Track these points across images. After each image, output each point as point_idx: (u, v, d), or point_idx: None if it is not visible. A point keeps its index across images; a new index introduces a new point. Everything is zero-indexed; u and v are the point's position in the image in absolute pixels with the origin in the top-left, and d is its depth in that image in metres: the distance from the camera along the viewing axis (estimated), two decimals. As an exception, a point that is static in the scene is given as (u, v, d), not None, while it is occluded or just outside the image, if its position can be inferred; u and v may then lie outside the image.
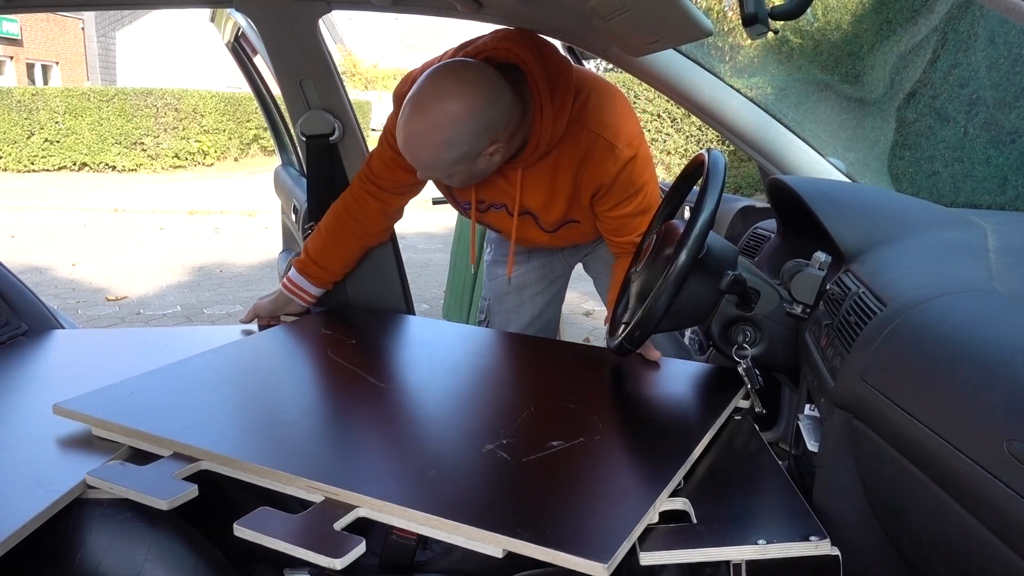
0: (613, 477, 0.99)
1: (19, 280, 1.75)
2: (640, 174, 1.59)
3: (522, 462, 1.02)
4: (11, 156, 14.39)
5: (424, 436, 1.12)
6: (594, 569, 0.79)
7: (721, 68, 6.41)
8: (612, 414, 1.22)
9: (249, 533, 0.88)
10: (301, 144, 1.94)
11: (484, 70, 1.42)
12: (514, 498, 0.93)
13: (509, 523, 0.86)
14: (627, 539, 0.84)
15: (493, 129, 1.42)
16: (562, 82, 1.51)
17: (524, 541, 0.82)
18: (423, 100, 1.38)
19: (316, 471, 0.97)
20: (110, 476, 1.01)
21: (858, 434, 0.90)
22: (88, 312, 4.86)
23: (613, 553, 0.80)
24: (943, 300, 0.87)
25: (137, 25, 22.04)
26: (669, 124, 11.74)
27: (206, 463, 1.04)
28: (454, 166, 1.45)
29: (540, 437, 1.10)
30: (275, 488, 0.99)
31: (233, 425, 1.13)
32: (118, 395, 1.20)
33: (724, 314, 1.31)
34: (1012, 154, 3.95)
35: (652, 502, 0.92)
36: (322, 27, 1.89)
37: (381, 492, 0.92)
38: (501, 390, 1.35)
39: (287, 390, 1.30)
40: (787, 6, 1.08)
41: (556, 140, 1.52)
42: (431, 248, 5.64)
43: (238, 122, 15.83)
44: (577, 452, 1.05)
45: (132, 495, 0.98)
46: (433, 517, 0.88)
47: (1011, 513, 0.63)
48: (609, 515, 0.88)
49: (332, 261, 1.77)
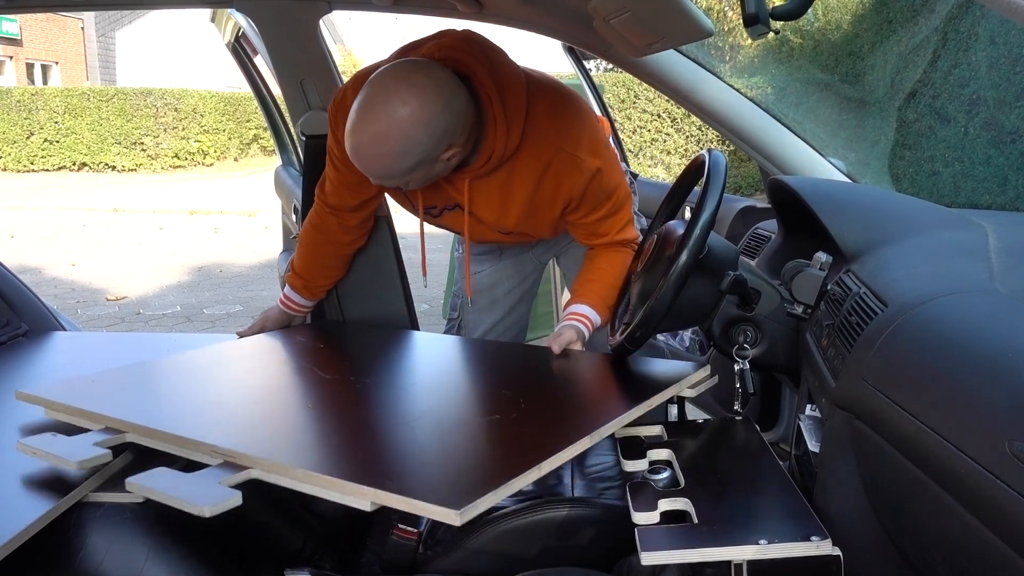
0: (509, 445, 1.01)
1: (19, 280, 1.75)
2: (609, 181, 1.52)
3: (421, 433, 1.05)
4: (11, 156, 14.39)
5: (341, 415, 1.17)
6: (447, 516, 0.82)
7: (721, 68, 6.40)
8: (541, 398, 1.22)
9: (137, 487, 0.93)
10: (301, 144, 1.94)
11: (435, 71, 1.33)
12: (399, 456, 0.98)
13: (380, 477, 0.89)
14: (490, 494, 0.85)
15: (450, 133, 1.33)
16: (515, 92, 1.42)
17: (389, 492, 0.86)
18: (371, 108, 1.29)
19: (221, 439, 1.02)
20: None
21: (859, 434, 0.90)
22: (88, 312, 4.86)
23: (471, 502, 0.83)
24: (944, 300, 0.87)
25: (137, 25, 22.03)
26: (669, 124, 11.74)
27: (131, 435, 1.10)
28: (410, 174, 1.36)
29: (457, 413, 1.13)
30: (184, 455, 1.04)
31: (165, 403, 1.20)
32: (80, 382, 1.29)
33: (725, 314, 1.30)
34: (1012, 154, 3.95)
35: (532, 467, 0.93)
36: (322, 27, 1.89)
37: (275, 456, 0.97)
38: (439, 381, 1.35)
39: (231, 382, 1.34)
40: (788, 6, 1.08)
41: (511, 153, 1.44)
42: (431, 248, 5.61)
43: (238, 122, 15.84)
44: (485, 426, 1.07)
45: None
46: (312, 473, 0.91)
47: (1012, 513, 0.63)
48: (484, 475, 0.91)
49: (313, 273, 1.75)
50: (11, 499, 0.97)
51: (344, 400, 1.22)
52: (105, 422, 1.13)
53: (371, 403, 1.20)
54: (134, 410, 1.15)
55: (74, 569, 0.98)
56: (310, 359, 1.47)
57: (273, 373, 1.40)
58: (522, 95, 1.43)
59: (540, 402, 1.18)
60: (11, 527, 0.89)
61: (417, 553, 1.25)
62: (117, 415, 1.12)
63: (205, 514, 0.86)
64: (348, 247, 1.77)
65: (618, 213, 1.59)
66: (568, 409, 1.18)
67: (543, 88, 1.50)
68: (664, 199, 1.54)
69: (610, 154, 1.55)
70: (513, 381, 1.31)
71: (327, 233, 1.71)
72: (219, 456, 0.99)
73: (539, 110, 1.45)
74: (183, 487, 0.91)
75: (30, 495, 0.98)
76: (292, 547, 1.21)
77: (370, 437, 1.05)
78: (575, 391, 1.30)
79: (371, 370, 1.37)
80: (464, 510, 0.81)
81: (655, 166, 11.78)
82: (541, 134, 1.45)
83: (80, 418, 1.16)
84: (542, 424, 1.08)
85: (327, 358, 1.49)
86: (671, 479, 1.08)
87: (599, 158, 1.49)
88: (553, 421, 1.10)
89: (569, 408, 1.18)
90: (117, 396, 1.22)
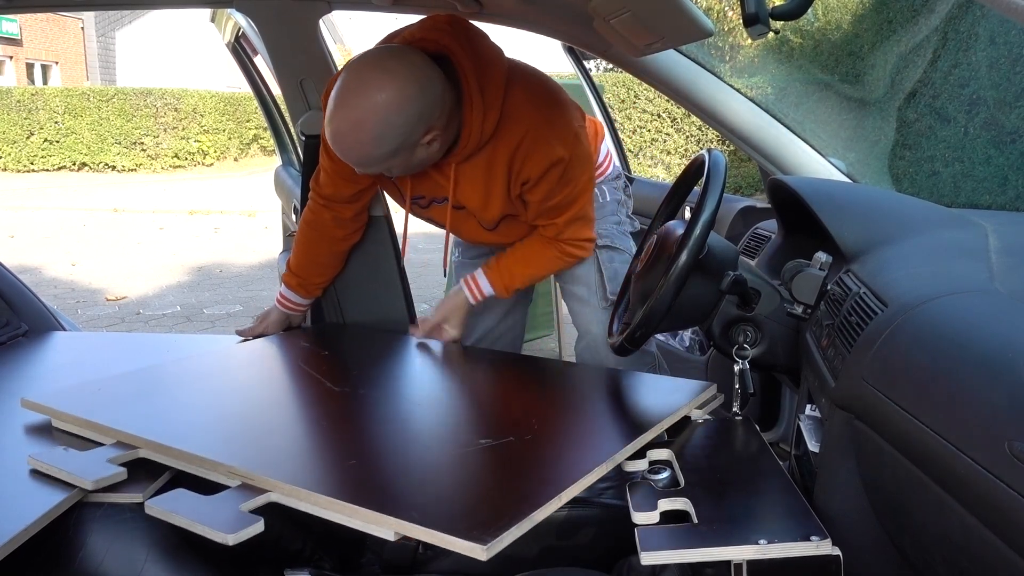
0: (527, 472, 1.01)
1: (19, 280, 1.75)
2: (570, 172, 1.52)
3: (438, 454, 1.05)
4: (11, 156, 14.39)
5: (354, 433, 1.16)
6: (473, 551, 0.81)
7: (721, 68, 6.41)
8: (552, 418, 1.22)
9: (158, 510, 0.92)
10: (301, 144, 1.94)
11: (408, 55, 1.35)
12: (420, 483, 0.97)
13: (405, 508, 0.88)
14: (514, 527, 0.85)
15: (426, 117, 1.34)
16: (493, 75, 1.43)
17: (414, 524, 0.85)
18: (347, 95, 1.31)
19: (238, 459, 1.01)
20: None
21: (859, 434, 0.90)
22: (88, 312, 4.86)
23: (496, 537, 0.82)
24: (944, 300, 0.87)
25: (137, 25, 22.03)
26: (669, 124, 11.74)
27: (143, 451, 1.08)
28: (390, 160, 1.38)
29: (471, 436, 1.12)
30: (200, 474, 1.03)
31: (176, 416, 1.19)
32: (85, 390, 1.27)
33: (725, 314, 1.30)
34: (1012, 154, 3.95)
35: (552, 498, 0.92)
36: (322, 27, 1.89)
37: (293, 479, 0.96)
38: (448, 396, 1.36)
39: (239, 392, 1.34)
40: (787, 6, 1.08)
41: (488, 135, 1.45)
42: (431, 248, 5.64)
43: (238, 122, 15.83)
44: (501, 448, 1.06)
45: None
46: (335, 501, 0.90)
47: (1012, 513, 0.63)
48: (506, 505, 0.90)
49: (308, 271, 1.75)
50: (11, 499, 0.97)
51: (355, 416, 1.22)
52: (117, 436, 1.11)
53: (383, 420, 1.20)
54: (145, 423, 1.14)
55: (74, 569, 0.98)
56: (316, 367, 1.47)
57: (279, 383, 1.41)
58: (501, 77, 1.44)
59: (552, 423, 1.18)
60: (11, 527, 0.89)
61: (417, 553, 1.25)
62: (128, 429, 1.11)
63: (229, 542, 0.86)
64: (343, 243, 1.77)
65: (571, 207, 1.57)
66: (581, 432, 1.17)
67: (525, 74, 1.52)
68: (664, 199, 1.54)
69: (582, 150, 1.55)
70: (523, 398, 1.32)
71: (321, 229, 1.72)
72: (237, 478, 0.99)
73: (517, 92, 1.47)
74: (204, 512, 0.91)
75: (30, 495, 0.98)
76: (292, 547, 1.21)
77: (386, 459, 1.04)
78: (585, 411, 1.29)
79: (379, 382, 1.37)
80: (490, 546, 0.81)
81: (655, 166, 11.77)
82: (518, 116, 1.46)
83: (90, 431, 1.15)
84: (556, 449, 1.08)
85: (333, 367, 1.49)
86: (671, 479, 1.08)
87: (567, 149, 1.49)
88: (567, 446, 1.10)
89: (582, 431, 1.18)
90: (125, 406, 1.21)
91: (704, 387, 1.32)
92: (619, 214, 1.83)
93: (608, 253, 1.75)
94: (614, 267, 1.74)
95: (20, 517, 0.92)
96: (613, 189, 1.83)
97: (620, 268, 1.74)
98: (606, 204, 1.80)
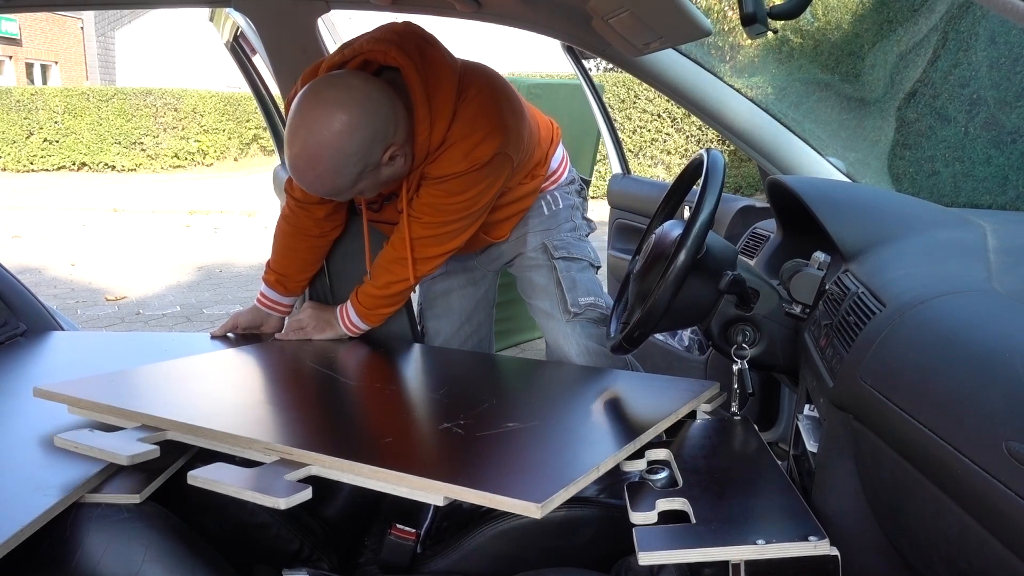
0: (563, 445, 1.04)
1: (18, 280, 1.75)
2: (473, 183, 1.49)
3: (475, 436, 1.06)
4: (10, 156, 14.40)
5: (385, 417, 1.18)
6: (527, 509, 0.82)
7: (721, 68, 6.41)
8: (572, 406, 1.25)
9: (202, 480, 0.93)
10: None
11: (349, 80, 1.36)
12: (460, 455, 0.99)
13: (452, 473, 0.89)
14: (562, 490, 0.86)
15: (381, 136, 1.35)
16: (442, 83, 1.43)
17: (463, 487, 0.86)
18: (297, 134, 1.33)
19: (273, 436, 1.02)
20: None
21: (857, 434, 0.90)
22: (87, 312, 4.86)
23: (549, 496, 0.83)
24: (942, 300, 0.87)
25: (137, 25, 22.02)
26: (669, 124, 11.74)
27: (171, 432, 1.09)
28: (357, 184, 1.39)
29: (498, 420, 1.14)
30: (235, 453, 1.03)
31: (199, 401, 1.19)
32: (98, 381, 1.27)
33: (723, 314, 1.30)
34: (1012, 154, 3.95)
35: (600, 461, 0.95)
36: (321, 26, 1.89)
37: (332, 451, 0.97)
38: (457, 391, 1.36)
39: (262, 383, 1.35)
40: (786, 6, 1.07)
41: (437, 144, 1.45)
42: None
43: (238, 122, 15.84)
44: (532, 431, 1.09)
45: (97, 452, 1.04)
46: (380, 469, 0.91)
47: (1010, 513, 0.63)
48: (552, 470, 0.92)
49: (287, 268, 1.74)
50: (8, 499, 0.97)
51: (376, 403, 1.23)
52: (142, 420, 1.11)
53: (407, 408, 1.22)
54: (170, 408, 1.13)
55: (71, 569, 0.98)
56: (328, 365, 1.47)
57: (300, 376, 1.41)
58: (451, 85, 1.44)
59: (566, 417, 1.20)
60: (8, 527, 0.89)
61: (415, 553, 1.25)
62: (155, 412, 1.11)
63: (281, 506, 0.87)
64: (320, 239, 1.75)
65: (449, 221, 1.54)
66: (594, 424, 1.18)
67: (479, 80, 1.50)
68: (662, 199, 1.54)
69: (503, 168, 1.52)
70: (532, 396, 1.33)
71: (297, 226, 1.71)
72: (275, 454, 0.99)
73: (470, 100, 1.46)
74: (251, 482, 0.91)
75: (27, 495, 0.98)
76: (290, 547, 1.21)
77: (421, 436, 1.06)
78: (593, 408, 1.30)
79: (393, 378, 1.39)
80: (544, 503, 0.82)
81: (655, 166, 11.78)
82: (467, 121, 1.46)
83: (112, 416, 1.14)
84: (578, 435, 1.10)
85: (346, 364, 1.50)
86: (669, 479, 1.08)
87: (488, 165, 1.48)
88: (587, 434, 1.12)
89: (594, 423, 1.19)
90: (146, 393, 1.21)
91: (707, 386, 1.32)
92: (574, 219, 1.81)
93: (564, 263, 1.74)
94: (572, 276, 1.74)
95: (17, 517, 0.92)
96: (566, 194, 1.82)
97: (579, 276, 1.74)
98: (559, 211, 1.79)
